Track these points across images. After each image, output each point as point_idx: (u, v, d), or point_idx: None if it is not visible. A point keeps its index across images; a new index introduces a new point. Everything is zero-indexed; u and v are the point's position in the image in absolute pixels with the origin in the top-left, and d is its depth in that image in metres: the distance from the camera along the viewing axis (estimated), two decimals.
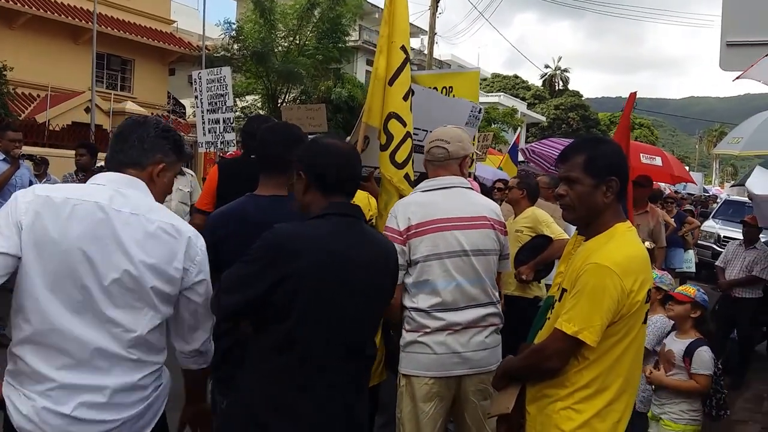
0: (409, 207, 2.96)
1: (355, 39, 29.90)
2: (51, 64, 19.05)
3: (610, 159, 2.20)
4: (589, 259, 2.11)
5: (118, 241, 1.90)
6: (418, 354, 2.88)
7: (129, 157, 2.05)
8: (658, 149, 10.79)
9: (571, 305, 2.10)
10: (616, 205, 2.21)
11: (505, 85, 56.09)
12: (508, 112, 38.61)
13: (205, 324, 2.17)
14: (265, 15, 22.29)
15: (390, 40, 3.74)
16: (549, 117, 52.70)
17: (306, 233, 2.06)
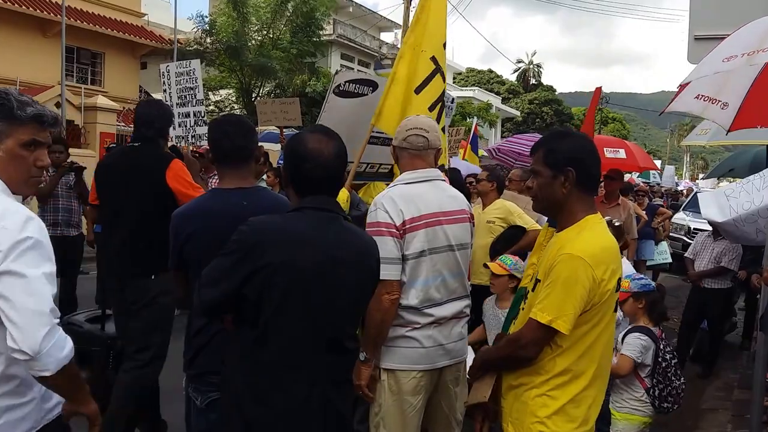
0: (397, 200, 2.84)
1: (330, 33, 29.77)
2: (19, 57, 18.59)
3: (568, 151, 2.26)
4: (562, 250, 2.17)
5: None
6: (405, 348, 2.87)
7: None
8: (620, 141, 10.97)
9: (545, 295, 2.15)
10: (583, 197, 2.27)
11: (480, 79, 56.16)
12: (483, 106, 38.75)
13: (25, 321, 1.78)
14: (238, 8, 22.10)
15: (419, 48, 3.74)
16: (523, 112, 53.03)
17: (281, 226, 2.06)
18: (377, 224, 2.79)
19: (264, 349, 2.03)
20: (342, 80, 3.49)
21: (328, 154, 2.14)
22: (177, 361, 2.81)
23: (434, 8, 3.90)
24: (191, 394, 2.66)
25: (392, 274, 2.77)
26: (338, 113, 3.50)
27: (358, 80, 3.55)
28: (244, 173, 2.63)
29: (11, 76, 17.90)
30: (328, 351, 2.10)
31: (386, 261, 2.66)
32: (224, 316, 2.16)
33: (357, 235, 2.27)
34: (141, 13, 23.53)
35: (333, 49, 31.38)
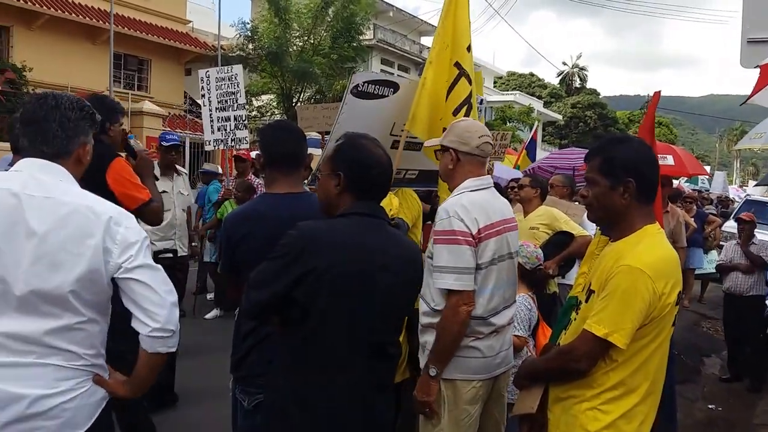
0: (470, 208, 2.76)
1: (370, 38, 29.82)
2: (69, 64, 19.20)
3: (628, 160, 2.17)
4: (620, 261, 2.09)
5: (28, 227, 1.86)
6: (468, 359, 2.81)
7: (54, 147, 1.97)
8: (669, 147, 10.68)
9: (601, 307, 2.08)
10: (642, 206, 2.19)
11: (521, 83, 55.50)
12: (524, 110, 38.32)
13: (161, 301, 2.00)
14: (279, 14, 22.34)
15: (447, 55, 3.82)
16: (566, 116, 52.13)
17: (329, 231, 2.08)
18: (452, 233, 2.71)
19: (309, 352, 2.06)
20: (360, 80, 3.39)
21: (385, 161, 2.19)
22: (224, 361, 2.85)
23: (459, 13, 3.96)
24: (238, 395, 2.67)
25: (469, 284, 2.70)
26: (357, 115, 3.40)
27: (378, 81, 3.45)
28: (294, 179, 2.65)
29: (62, 82, 18.45)
30: (371, 356, 2.11)
31: (463, 271, 2.66)
32: (272, 318, 2.19)
33: (401, 241, 2.28)
34: (186, 20, 24.05)
35: (373, 54, 31.42)
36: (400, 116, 3.57)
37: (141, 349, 2.00)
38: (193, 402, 4.93)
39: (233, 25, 23.15)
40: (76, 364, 1.94)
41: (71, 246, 1.88)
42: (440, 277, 2.68)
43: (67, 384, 1.92)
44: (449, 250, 2.67)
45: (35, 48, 18.49)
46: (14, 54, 18.46)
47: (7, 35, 18.84)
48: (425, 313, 2.83)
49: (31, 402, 1.86)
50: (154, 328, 1.95)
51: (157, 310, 1.96)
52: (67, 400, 1.91)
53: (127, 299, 1.96)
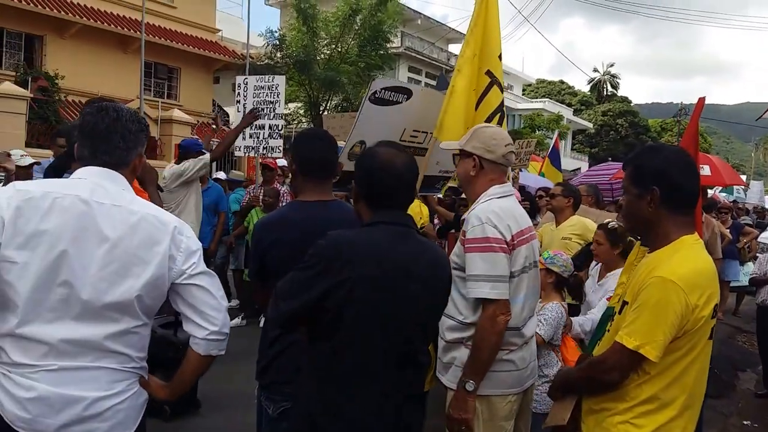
0: (502, 215, 2.70)
1: (397, 46, 29.84)
2: (100, 72, 19.52)
3: (655, 168, 2.14)
4: (653, 272, 2.06)
5: (100, 233, 1.92)
6: (502, 372, 2.73)
7: (116, 158, 2.05)
8: (704, 156, 10.48)
9: (633, 319, 2.05)
10: (677, 216, 2.14)
11: (551, 90, 55.21)
12: (553, 118, 37.99)
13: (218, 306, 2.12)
14: (307, 22, 22.46)
15: (477, 64, 3.85)
16: (596, 124, 51.70)
17: (358, 241, 2.08)
18: (487, 240, 2.63)
19: (338, 361, 2.05)
20: (378, 87, 3.37)
21: (401, 168, 2.15)
22: (247, 368, 2.85)
23: (490, 21, 3.97)
24: (263, 402, 2.65)
25: (505, 293, 2.63)
26: (372, 121, 3.38)
27: (394, 88, 3.41)
28: (325, 187, 2.65)
29: (93, 90, 18.79)
30: (401, 365, 2.10)
31: (499, 279, 2.60)
32: (298, 328, 2.19)
33: (430, 249, 2.25)
34: (215, 29, 24.31)
35: (400, 62, 31.44)
36: (411, 122, 3.55)
37: (192, 353, 2.08)
38: (216, 408, 4.91)
39: (261, 35, 23.34)
40: (128, 367, 2.00)
41: (141, 252, 1.96)
42: (476, 286, 2.61)
43: (120, 386, 1.97)
44: (484, 258, 2.60)
45: (67, 56, 18.82)
46: (47, 62, 18.81)
47: (40, 44, 19.23)
48: (452, 328, 2.73)
49: (88, 404, 1.91)
50: (211, 331, 2.05)
51: (215, 314, 2.06)
52: (119, 402, 1.97)
53: (185, 304, 2.06)
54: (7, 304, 1.88)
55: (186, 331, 2.08)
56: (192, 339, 2.07)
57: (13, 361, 1.89)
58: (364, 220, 2.18)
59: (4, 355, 1.90)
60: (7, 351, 1.89)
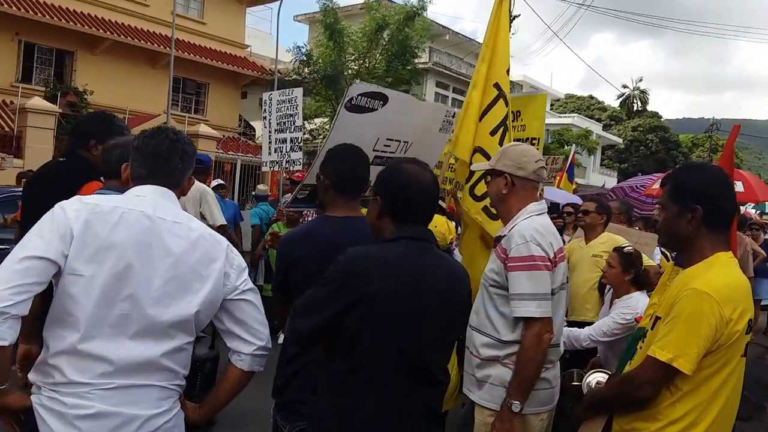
0: (544, 232, 2.71)
1: (425, 61, 29.74)
2: (129, 87, 19.67)
3: (698, 187, 2.17)
4: (687, 286, 2.06)
5: (165, 248, 1.95)
6: (540, 391, 2.72)
7: (173, 178, 2.12)
8: (737, 172, 10.31)
9: (666, 332, 2.05)
10: (714, 234, 2.16)
11: (580, 105, 54.74)
12: (582, 133, 37.54)
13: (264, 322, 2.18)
14: (334, 37, 22.48)
15: (490, 80, 3.89)
16: (626, 139, 51.01)
17: (379, 256, 2.07)
18: (532, 258, 2.63)
19: (357, 380, 2.02)
20: (355, 93, 3.12)
21: (427, 185, 2.17)
22: (263, 385, 2.86)
23: (501, 37, 4.02)
24: (279, 422, 2.61)
25: (549, 311, 2.63)
26: (348, 130, 3.15)
27: (370, 93, 3.19)
28: (354, 203, 2.64)
29: (122, 105, 18.90)
30: (419, 382, 2.07)
31: (544, 297, 2.60)
32: (317, 346, 2.17)
33: (451, 264, 2.26)
34: (245, 44, 24.45)
35: (428, 77, 31.32)
36: (385, 130, 3.35)
37: (234, 370, 2.10)
38: (231, 426, 4.80)
39: (289, 51, 23.41)
40: (174, 384, 2.01)
41: (200, 268, 2.00)
42: (521, 305, 2.59)
43: (167, 403, 1.98)
44: (530, 276, 2.59)
45: (97, 72, 19.04)
46: (77, 78, 19.04)
47: (71, 59, 19.49)
48: (487, 345, 2.70)
49: (143, 422, 1.90)
50: (259, 347, 2.11)
51: (262, 329, 2.13)
52: (168, 420, 1.98)
53: (233, 320, 2.09)
54: (67, 320, 1.86)
55: (202, 348, 2.12)
56: (237, 356, 2.09)
57: (69, 380, 1.85)
58: (385, 235, 2.17)
59: (57, 374, 1.85)
60: (63, 369, 1.85)
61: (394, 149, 3.44)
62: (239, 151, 19.57)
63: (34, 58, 18.84)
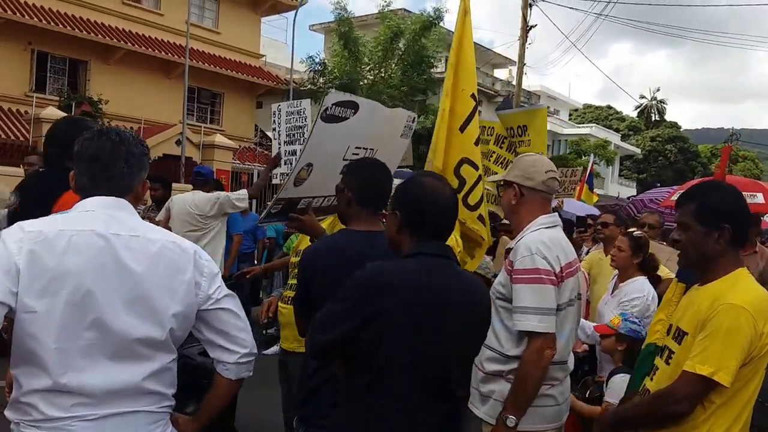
0: (551, 245, 2.67)
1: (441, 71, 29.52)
2: (144, 97, 19.58)
3: (723, 207, 2.22)
4: (720, 300, 2.10)
5: (124, 267, 1.81)
6: (543, 407, 2.68)
7: (121, 183, 1.94)
8: (756, 183, 10.12)
9: (704, 347, 2.07)
10: (734, 251, 2.22)
11: (598, 116, 54.38)
12: (600, 143, 37.18)
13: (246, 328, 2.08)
14: (349, 47, 22.33)
15: (459, 87, 3.94)
16: (644, 149, 50.81)
17: (397, 272, 2.06)
18: (536, 271, 2.58)
19: (376, 395, 2.02)
20: (330, 103, 3.01)
21: (446, 199, 2.16)
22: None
23: (466, 46, 4.05)
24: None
25: (552, 326, 2.58)
26: (323, 141, 3.09)
27: (343, 102, 3.10)
28: (376, 218, 2.64)
29: (136, 115, 18.84)
30: (439, 398, 2.06)
31: (547, 312, 2.55)
32: (335, 361, 2.17)
33: (469, 280, 2.24)
34: (260, 54, 24.34)
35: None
36: (354, 138, 3.26)
37: (221, 380, 2.02)
38: None
39: (302, 61, 23.30)
40: (163, 407, 1.92)
41: (167, 282, 1.87)
42: (523, 318, 2.56)
43: (157, 427, 1.90)
44: (533, 290, 2.55)
45: (111, 81, 18.93)
46: (91, 87, 18.96)
47: (84, 69, 19.41)
48: (492, 360, 2.69)
49: None
50: (242, 354, 2.01)
51: (244, 336, 2.02)
52: None
53: (212, 330, 1.99)
54: (32, 359, 1.74)
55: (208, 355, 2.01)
56: (221, 365, 2.02)
57: (47, 416, 1.75)
58: (402, 249, 2.16)
59: (34, 412, 1.75)
60: (38, 407, 1.75)
61: (361, 157, 3.34)
62: (256, 162, 19.38)
63: (47, 67, 18.75)
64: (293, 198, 3.09)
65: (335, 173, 3.00)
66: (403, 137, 3.74)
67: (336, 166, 3.10)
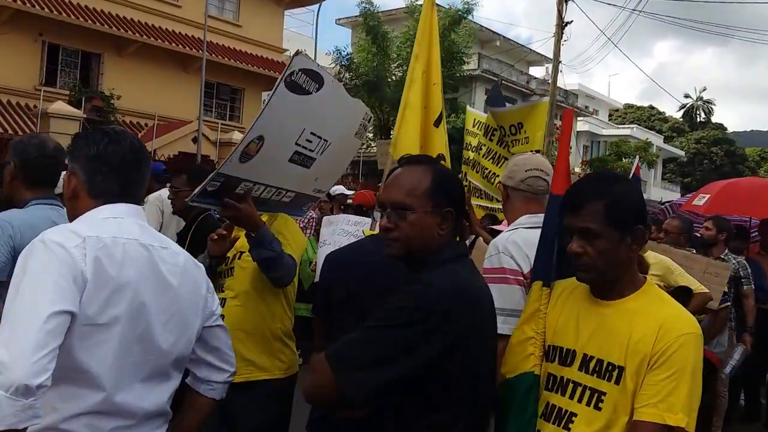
0: (523, 246, 2.55)
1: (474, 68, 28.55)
2: (159, 92, 18.98)
3: (632, 204, 1.94)
4: (674, 329, 1.81)
5: (164, 280, 1.78)
6: None
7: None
8: None
9: (669, 390, 1.76)
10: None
11: (639, 116, 53.61)
12: (641, 145, 36.02)
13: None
14: (377, 42, 21.67)
15: (431, 81, 3.95)
16: (688, 152, 49.84)
17: (459, 285, 1.82)
18: (502, 270, 2.52)
19: (453, 427, 1.78)
20: (297, 67, 2.59)
21: None
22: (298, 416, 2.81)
23: (434, 38, 4.05)
24: None
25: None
26: (280, 113, 2.67)
27: (310, 71, 2.68)
28: None
29: (150, 110, 18.28)
30: (484, 417, 1.93)
31: (511, 313, 2.37)
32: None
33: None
34: (282, 48, 23.63)
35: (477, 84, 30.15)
36: (312, 122, 2.88)
37: (204, 400, 1.97)
38: None
39: (328, 54, 22.59)
40: (164, 428, 1.86)
41: (193, 298, 1.86)
42: None
43: None
44: (498, 290, 2.34)
45: (125, 75, 18.34)
46: (104, 81, 18.42)
47: (98, 62, 18.86)
48: None
49: None
50: (231, 373, 2.01)
51: (231, 353, 2.02)
52: None
53: (207, 348, 1.94)
54: (81, 377, 1.62)
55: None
56: (207, 385, 1.96)
57: None
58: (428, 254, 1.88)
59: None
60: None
61: (314, 147, 3.02)
62: None
63: (58, 60, 18.23)
64: (232, 178, 2.64)
65: (284, 158, 2.82)
66: (357, 137, 3.35)
67: (286, 150, 2.83)
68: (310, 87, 2.71)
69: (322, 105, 2.84)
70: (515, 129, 5.03)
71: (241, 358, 2.73)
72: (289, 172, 3.02)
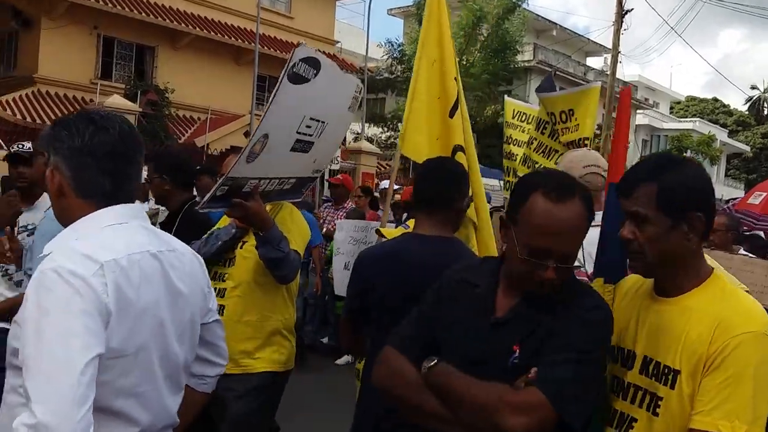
0: (585, 245, 2.26)
1: (529, 59, 27.77)
2: (211, 85, 19.08)
3: (690, 189, 1.77)
4: (732, 327, 1.65)
5: (175, 288, 1.68)
6: None
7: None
8: None
9: (725, 395, 1.62)
10: (701, 249, 1.83)
11: (702, 109, 51.67)
12: (704, 140, 34.60)
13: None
14: None
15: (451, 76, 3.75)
16: (755, 147, 47.91)
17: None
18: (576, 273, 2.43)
19: None
20: (298, 58, 2.58)
21: None
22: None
23: (447, 33, 3.83)
24: None
25: None
26: (286, 107, 2.68)
27: (309, 59, 2.68)
28: (438, 220, 2.48)
29: (203, 104, 18.32)
30: None
31: None
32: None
33: None
34: (334, 40, 23.48)
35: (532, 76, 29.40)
36: (311, 107, 2.84)
37: (198, 396, 1.92)
38: None
39: (380, 45, 22.24)
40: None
41: (197, 300, 1.78)
42: None
43: None
44: None
45: (178, 68, 18.47)
46: (158, 74, 18.58)
47: (152, 55, 19.04)
48: None
49: None
50: (223, 366, 1.97)
51: (224, 345, 1.96)
52: None
53: (202, 343, 1.86)
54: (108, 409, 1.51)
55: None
56: (199, 380, 1.91)
57: None
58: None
59: None
60: None
61: (313, 131, 3.03)
62: None
63: (113, 53, 18.47)
64: (239, 179, 2.66)
65: (286, 149, 2.82)
66: (350, 110, 3.34)
67: (287, 141, 2.82)
68: (309, 74, 2.70)
69: (321, 86, 2.82)
70: (566, 116, 4.78)
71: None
72: (290, 161, 3.05)
